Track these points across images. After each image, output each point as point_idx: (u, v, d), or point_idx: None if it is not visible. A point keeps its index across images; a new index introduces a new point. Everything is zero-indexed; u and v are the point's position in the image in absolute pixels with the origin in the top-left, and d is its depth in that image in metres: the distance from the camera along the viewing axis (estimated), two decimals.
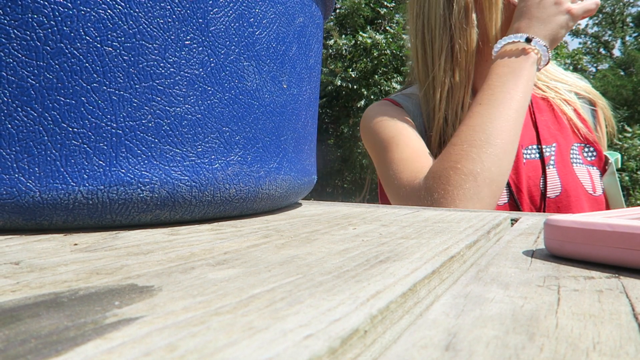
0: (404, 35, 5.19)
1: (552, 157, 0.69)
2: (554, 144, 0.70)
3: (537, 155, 0.69)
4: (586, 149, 0.70)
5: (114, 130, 0.24)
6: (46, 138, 0.23)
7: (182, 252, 0.19)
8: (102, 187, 0.24)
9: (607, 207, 0.69)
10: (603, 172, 0.71)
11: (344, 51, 5.64)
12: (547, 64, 0.60)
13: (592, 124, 0.73)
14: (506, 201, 0.67)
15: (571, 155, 0.70)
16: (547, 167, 0.68)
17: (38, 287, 0.13)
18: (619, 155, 0.69)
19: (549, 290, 0.16)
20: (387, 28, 5.66)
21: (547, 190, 0.67)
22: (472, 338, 0.11)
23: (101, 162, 0.24)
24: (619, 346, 0.11)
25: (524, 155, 0.69)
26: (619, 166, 0.68)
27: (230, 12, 0.27)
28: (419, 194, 0.57)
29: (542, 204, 0.66)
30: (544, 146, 0.70)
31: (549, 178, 0.67)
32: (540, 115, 0.71)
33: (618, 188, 0.68)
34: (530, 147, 0.70)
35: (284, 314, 0.11)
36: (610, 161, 0.69)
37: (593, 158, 0.71)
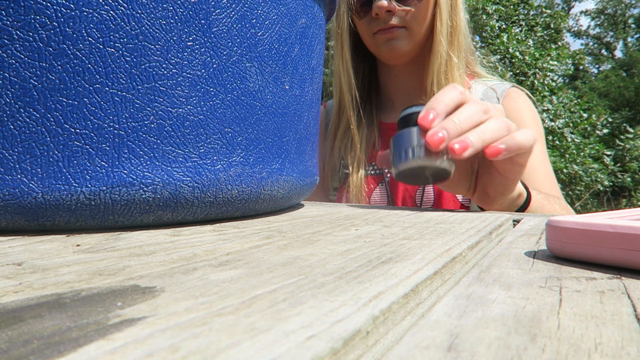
0: None
1: None
2: None
3: None
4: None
5: (116, 131, 0.24)
6: (49, 139, 0.23)
7: (185, 253, 0.19)
8: (105, 188, 0.24)
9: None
10: None
11: None
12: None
13: None
14: None
15: None
16: None
17: (40, 288, 0.13)
18: None
19: (551, 291, 0.16)
20: None
21: (423, 201, 0.73)
22: (474, 339, 0.12)
23: (103, 163, 0.24)
24: (621, 347, 0.11)
25: None
26: None
27: (233, 13, 0.27)
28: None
29: None
30: None
31: (425, 190, 0.74)
32: None
33: None
34: None
35: (286, 315, 0.11)
36: None
37: None
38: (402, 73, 0.79)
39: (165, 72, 0.25)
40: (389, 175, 0.77)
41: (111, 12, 0.23)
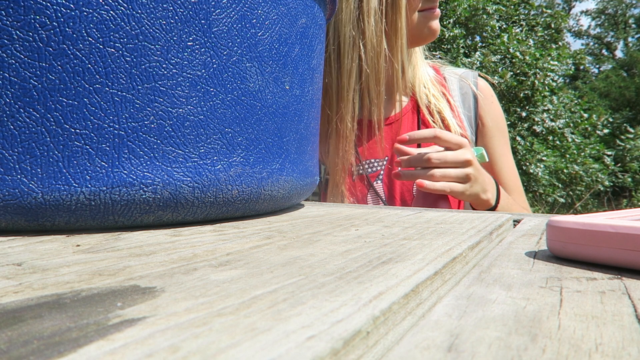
0: None
1: None
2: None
3: None
4: None
5: (116, 132, 0.24)
6: (49, 139, 0.23)
7: (185, 253, 0.19)
8: (105, 188, 0.24)
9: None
10: None
11: None
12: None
13: (474, 116, 0.80)
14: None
15: None
16: None
17: (40, 289, 0.13)
18: (482, 150, 0.73)
19: (552, 292, 0.16)
20: None
21: None
22: (474, 339, 0.11)
23: (103, 163, 0.24)
24: (622, 347, 0.11)
25: None
26: (486, 160, 0.74)
27: (233, 13, 0.27)
28: None
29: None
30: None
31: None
32: (426, 123, 0.78)
33: None
34: None
35: (287, 315, 0.11)
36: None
37: None
38: None
39: (165, 72, 0.25)
40: (382, 173, 0.76)
41: (111, 12, 0.23)
